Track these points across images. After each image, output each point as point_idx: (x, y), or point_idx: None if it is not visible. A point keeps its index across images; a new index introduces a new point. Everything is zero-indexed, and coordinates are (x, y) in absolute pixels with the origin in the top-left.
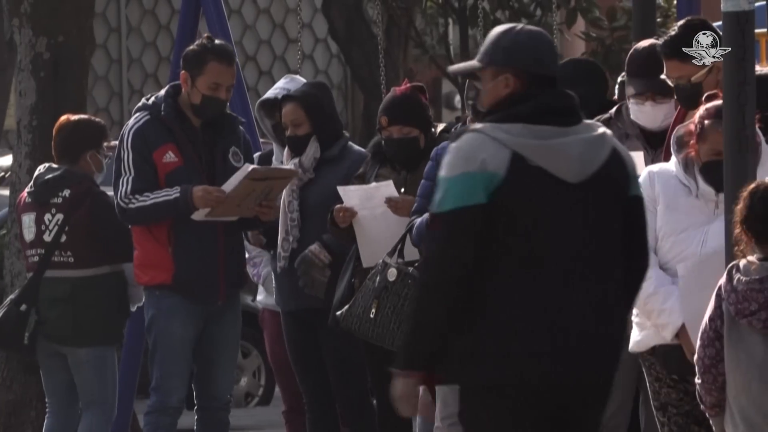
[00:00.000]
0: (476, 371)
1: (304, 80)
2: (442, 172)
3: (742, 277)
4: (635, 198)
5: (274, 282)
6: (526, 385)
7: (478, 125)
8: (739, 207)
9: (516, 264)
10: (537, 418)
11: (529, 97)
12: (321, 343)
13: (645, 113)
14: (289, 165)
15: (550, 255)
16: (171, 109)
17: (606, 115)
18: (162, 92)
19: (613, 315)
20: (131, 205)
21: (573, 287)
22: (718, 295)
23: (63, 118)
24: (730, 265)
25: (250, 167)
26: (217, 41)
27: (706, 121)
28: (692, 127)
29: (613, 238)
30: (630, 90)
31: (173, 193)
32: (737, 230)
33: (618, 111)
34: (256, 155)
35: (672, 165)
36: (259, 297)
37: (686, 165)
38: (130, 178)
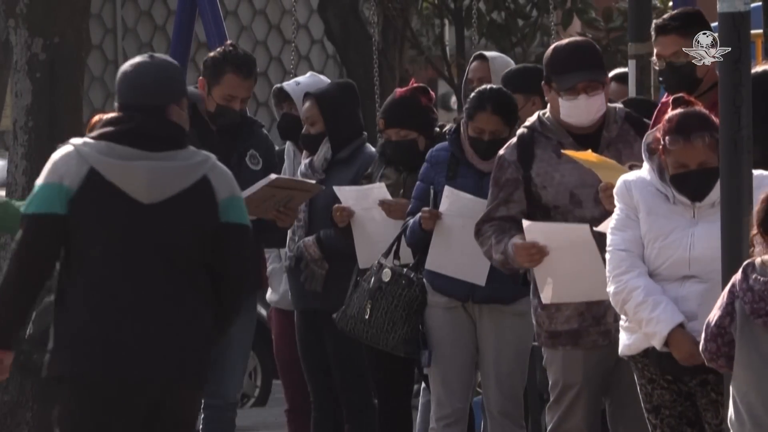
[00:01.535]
0: (53, 363)
1: (324, 78)
2: (39, 178)
3: (759, 277)
4: (226, 225)
5: (286, 280)
6: (89, 379)
7: (73, 140)
8: (758, 209)
9: (91, 269)
10: (102, 412)
11: (121, 120)
12: (326, 342)
13: (578, 108)
14: (302, 163)
15: (119, 265)
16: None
17: (524, 131)
18: None
19: (181, 326)
20: None
21: (139, 296)
22: (731, 292)
23: (96, 117)
24: (746, 263)
25: (273, 176)
26: (239, 50)
27: (667, 137)
28: (658, 134)
29: (187, 257)
30: (560, 87)
31: None
32: (753, 232)
33: (540, 121)
34: None
35: (646, 172)
36: (268, 295)
37: (661, 172)
38: None
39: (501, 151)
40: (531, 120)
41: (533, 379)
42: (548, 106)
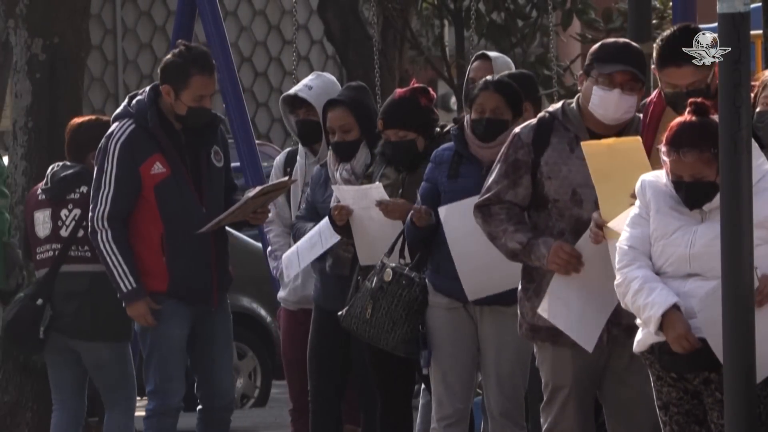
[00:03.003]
0: None
1: (330, 76)
2: None
3: None
4: None
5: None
6: None
7: None
8: None
9: None
10: None
11: None
12: (350, 344)
13: (610, 100)
14: (337, 171)
15: None
16: (156, 117)
17: (546, 115)
18: (143, 97)
19: None
20: (98, 236)
21: None
22: None
23: (74, 120)
24: None
25: (258, 188)
26: (194, 49)
27: (664, 147)
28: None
29: None
30: (600, 72)
31: (130, 280)
32: None
33: (564, 111)
34: (282, 154)
35: (664, 173)
36: (280, 294)
37: None
38: (109, 196)
39: (517, 129)
40: (555, 107)
41: (534, 379)
42: (577, 96)
